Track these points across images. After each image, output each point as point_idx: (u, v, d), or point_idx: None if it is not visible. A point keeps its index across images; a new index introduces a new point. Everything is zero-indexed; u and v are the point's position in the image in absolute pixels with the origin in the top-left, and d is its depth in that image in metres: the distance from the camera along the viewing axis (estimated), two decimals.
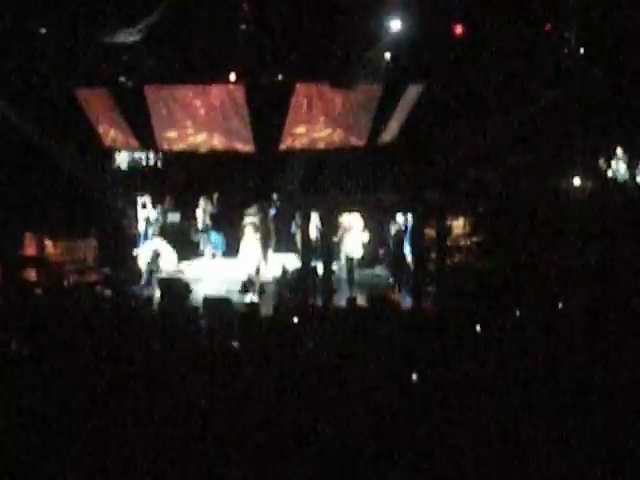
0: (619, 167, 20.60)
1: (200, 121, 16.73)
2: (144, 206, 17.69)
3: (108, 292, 14.28)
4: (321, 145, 17.36)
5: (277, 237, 18.04)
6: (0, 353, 8.08)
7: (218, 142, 17.03)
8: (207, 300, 11.78)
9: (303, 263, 14.45)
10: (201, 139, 16.98)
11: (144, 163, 20.98)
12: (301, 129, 16.87)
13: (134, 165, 20.92)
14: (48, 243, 16.18)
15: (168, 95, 16.56)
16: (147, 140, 17.14)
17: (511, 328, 9.18)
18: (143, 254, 16.63)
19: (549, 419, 6.27)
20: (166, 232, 17.81)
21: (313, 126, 17.00)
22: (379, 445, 5.97)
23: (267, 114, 16.47)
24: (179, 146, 17.36)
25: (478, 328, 9.23)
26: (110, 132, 17.48)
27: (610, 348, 7.86)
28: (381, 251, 17.69)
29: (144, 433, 6.22)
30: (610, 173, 20.62)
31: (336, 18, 16.97)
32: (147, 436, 6.18)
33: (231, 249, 17.42)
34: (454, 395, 6.69)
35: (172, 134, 16.96)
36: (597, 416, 6.25)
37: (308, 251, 14.61)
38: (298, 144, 17.07)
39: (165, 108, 16.54)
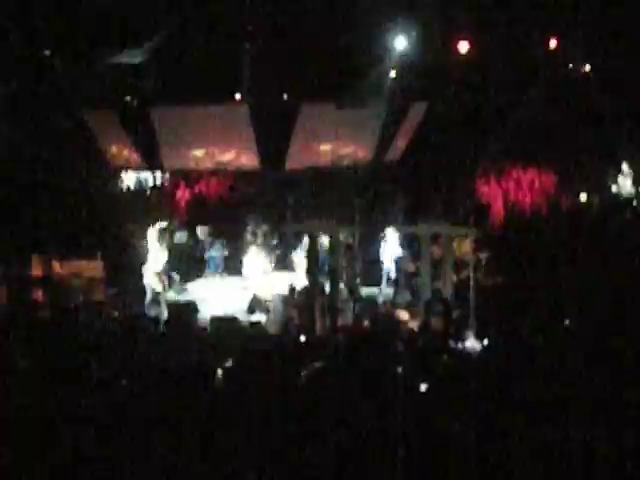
0: (625, 183, 20.61)
1: (206, 140, 16.78)
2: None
3: (115, 312, 14.29)
4: (329, 163, 17.41)
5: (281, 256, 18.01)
6: (8, 374, 8.07)
7: (224, 161, 17.07)
8: (214, 320, 11.77)
9: (310, 283, 14.43)
10: (207, 158, 17.03)
11: (150, 183, 21.00)
12: (307, 148, 16.92)
13: (140, 185, 20.95)
14: (55, 264, 16.19)
15: (174, 115, 16.62)
16: (153, 160, 17.19)
17: (519, 344, 9.15)
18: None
19: (559, 437, 6.24)
20: (173, 252, 17.76)
21: (319, 145, 17.05)
22: (383, 465, 5.95)
23: (272, 133, 16.52)
24: (184, 165, 17.41)
25: (485, 343, 9.21)
26: (117, 153, 17.54)
27: (618, 364, 7.82)
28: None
29: (149, 452, 6.20)
30: (616, 189, 20.64)
31: (341, 38, 17.04)
32: (152, 454, 6.17)
33: (233, 267, 17.39)
34: (461, 412, 6.67)
35: (178, 153, 17.01)
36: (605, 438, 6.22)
37: (315, 271, 14.60)
38: (307, 162, 17.12)
39: (171, 128, 16.59)
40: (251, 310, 15.42)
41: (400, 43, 17.47)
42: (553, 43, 19.47)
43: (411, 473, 5.95)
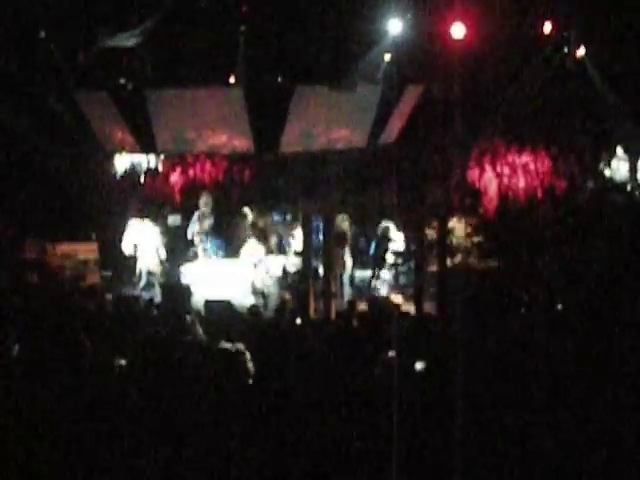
0: (619, 167, 20.62)
1: (200, 123, 16.73)
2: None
3: (109, 295, 14.27)
4: (323, 146, 17.38)
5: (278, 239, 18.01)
6: (1, 357, 8.08)
7: (218, 144, 17.03)
8: (209, 303, 11.75)
9: (304, 266, 14.44)
10: (201, 141, 16.99)
11: (145, 166, 20.95)
12: (302, 131, 16.88)
13: (134, 169, 20.90)
14: (49, 247, 16.17)
15: (168, 98, 16.56)
16: (147, 143, 17.12)
17: (512, 328, 9.18)
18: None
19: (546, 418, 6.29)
20: (167, 235, 17.73)
21: (313, 128, 17.01)
22: (380, 445, 5.98)
23: (266, 116, 16.46)
24: (178, 148, 17.37)
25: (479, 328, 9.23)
26: (110, 135, 17.47)
27: (609, 347, 7.87)
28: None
29: (142, 435, 6.23)
30: (610, 173, 20.65)
31: (335, 20, 16.99)
32: (145, 436, 6.19)
33: (230, 251, 17.38)
34: (454, 394, 6.69)
35: (172, 136, 16.96)
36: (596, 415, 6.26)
37: (309, 254, 14.60)
38: (301, 146, 17.08)
39: (165, 110, 16.54)
40: (247, 293, 15.44)
41: (395, 26, 17.42)
42: (548, 26, 19.44)
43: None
